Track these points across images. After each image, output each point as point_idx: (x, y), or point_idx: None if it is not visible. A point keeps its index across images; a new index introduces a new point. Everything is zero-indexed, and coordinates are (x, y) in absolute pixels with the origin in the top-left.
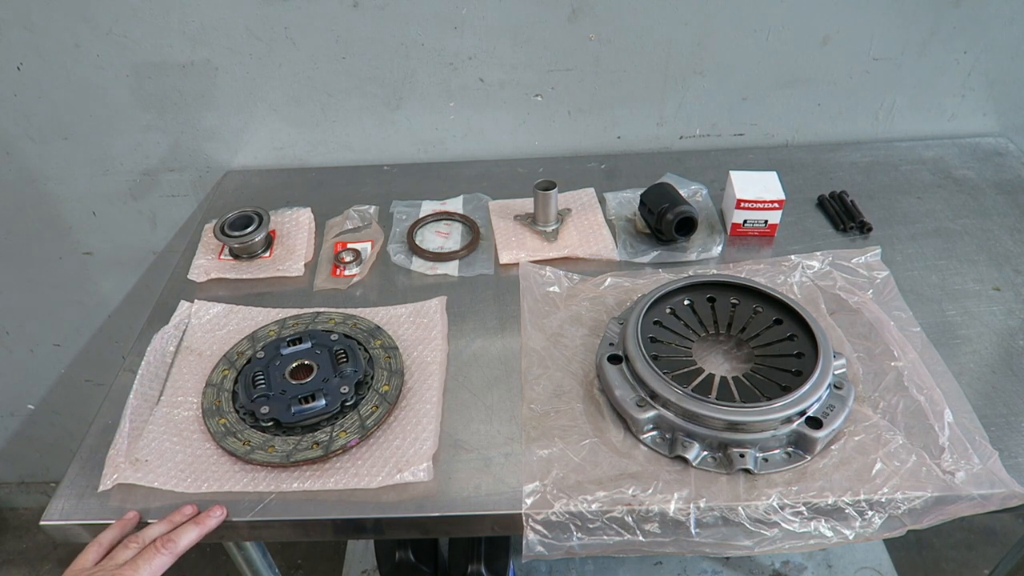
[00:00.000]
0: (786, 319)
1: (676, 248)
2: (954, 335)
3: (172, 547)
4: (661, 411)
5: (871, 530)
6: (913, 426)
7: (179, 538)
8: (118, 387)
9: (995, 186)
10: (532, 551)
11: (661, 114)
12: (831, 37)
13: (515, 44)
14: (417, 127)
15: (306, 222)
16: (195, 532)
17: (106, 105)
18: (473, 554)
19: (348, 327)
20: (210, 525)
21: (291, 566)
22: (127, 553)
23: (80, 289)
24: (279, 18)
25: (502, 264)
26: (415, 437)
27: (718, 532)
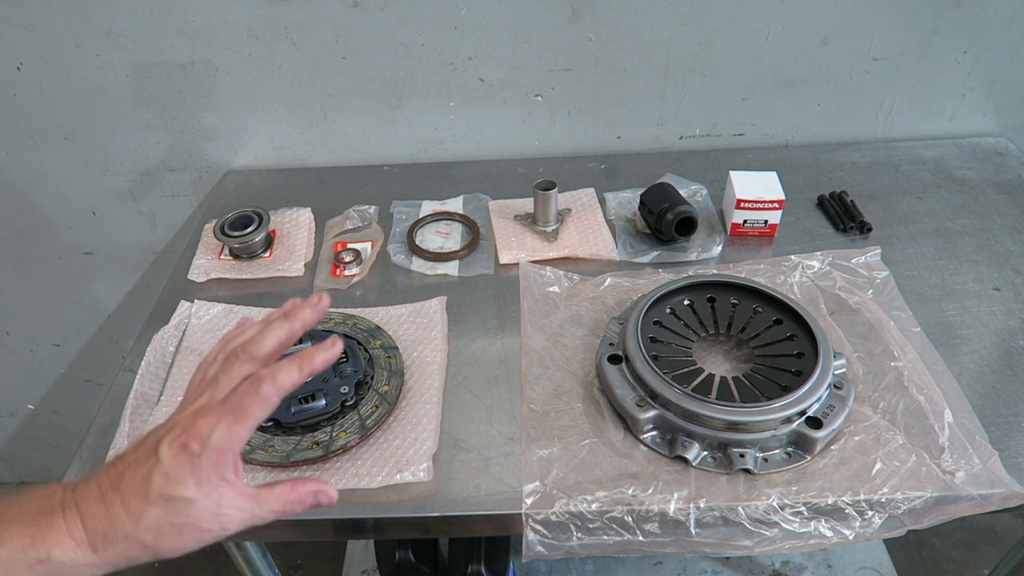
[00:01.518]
0: (786, 319)
1: (676, 248)
2: (954, 335)
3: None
4: (661, 411)
5: (871, 530)
6: (913, 426)
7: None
8: (118, 387)
9: (995, 186)
10: (532, 551)
11: (661, 114)
12: (831, 37)
13: (515, 44)
14: (417, 127)
15: (306, 222)
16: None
17: (106, 105)
18: (473, 554)
19: (348, 327)
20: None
21: (291, 566)
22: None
23: (80, 289)
24: (279, 18)
25: (502, 264)
26: (415, 437)
27: (718, 532)
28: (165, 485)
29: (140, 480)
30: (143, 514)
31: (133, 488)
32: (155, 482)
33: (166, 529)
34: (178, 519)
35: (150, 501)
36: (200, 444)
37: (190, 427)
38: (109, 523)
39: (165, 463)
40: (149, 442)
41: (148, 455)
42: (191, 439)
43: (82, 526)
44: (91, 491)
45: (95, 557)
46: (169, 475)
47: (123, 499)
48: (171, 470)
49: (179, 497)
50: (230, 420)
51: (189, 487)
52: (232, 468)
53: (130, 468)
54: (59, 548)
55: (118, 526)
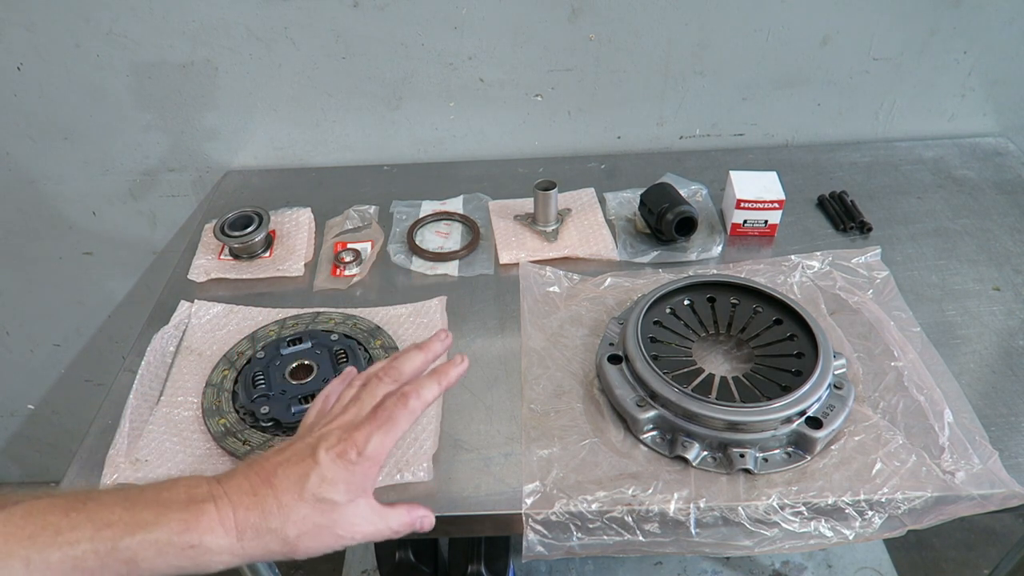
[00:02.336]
0: (786, 319)
1: (676, 248)
2: (954, 335)
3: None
4: (661, 411)
5: (871, 530)
6: (913, 426)
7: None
8: (118, 387)
9: (995, 186)
10: (532, 551)
11: (661, 114)
12: (831, 37)
13: (515, 44)
14: (417, 127)
15: (306, 222)
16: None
17: (106, 105)
18: (473, 554)
19: (348, 327)
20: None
21: (291, 566)
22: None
23: (80, 289)
24: (279, 18)
25: (502, 264)
26: (415, 437)
27: (718, 532)
28: (320, 486)
29: (295, 478)
30: (294, 510)
31: (287, 484)
32: (311, 481)
33: (310, 528)
34: (323, 520)
35: (303, 499)
36: (357, 453)
37: (347, 437)
38: (261, 515)
39: (323, 466)
40: (299, 447)
41: (304, 457)
42: (349, 447)
43: (233, 515)
44: (241, 484)
45: (239, 546)
46: (325, 477)
47: (276, 494)
48: (328, 473)
49: (330, 499)
50: (383, 432)
51: (340, 491)
52: (373, 481)
53: (283, 466)
54: (210, 534)
55: (269, 518)
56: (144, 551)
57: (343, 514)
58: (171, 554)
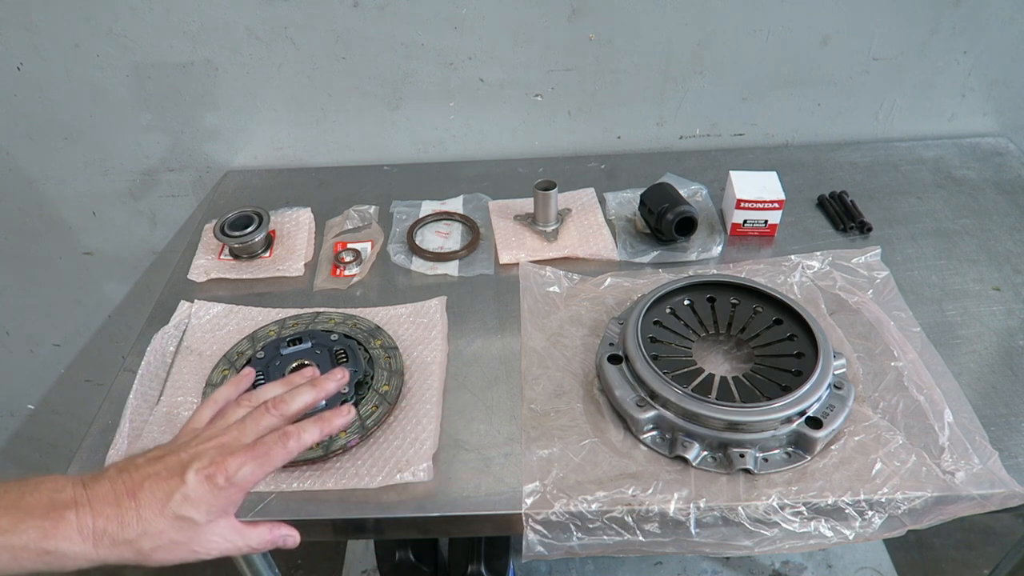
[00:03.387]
0: (786, 319)
1: (676, 248)
2: (954, 335)
3: (284, 408)
4: (661, 411)
5: (871, 530)
6: (913, 426)
7: (292, 400)
8: (118, 387)
9: (995, 186)
10: (532, 551)
11: (661, 114)
12: (831, 37)
13: (515, 44)
14: (417, 127)
15: (306, 222)
16: (310, 395)
17: (106, 105)
18: (473, 554)
19: (348, 327)
20: (328, 389)
21: (291, 566)
22: (238, 412)
23: (80, 289)
24: (279, 18)
25: (502, 264)
26: (415, 437)
27: (718, 532)
28: (182, 505)
29: (161, 495)
30: (152, 524)
31: (151, 500)
32: (175, 500)
33: (166, 542)
34: (180, 537)
35: (163, 515)
36: (226, 479)
37: (219, 461)
38: (119, 526)
39: (189, 486)
40: (171, 461)
41: (172, 474)
42: (218, 472)
43: (92, 524)
44: (106, 493)
45: (94, 552)
46: (189, 497)
47: (138, 507)
48: (192, 494)
49: (189, 518)
50: (256, 464)
51: (201, 512)
52: (236, 505)
53: (150, 480)
54: (67, 542)
55: (127, 530)
56: (20, 552)
57: (201, 532)
58: (25, 558)
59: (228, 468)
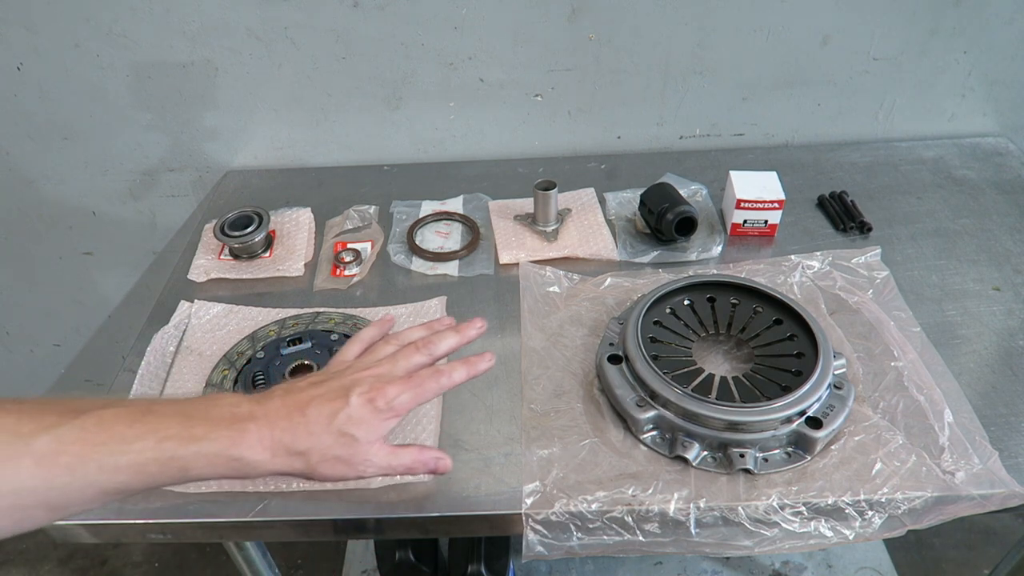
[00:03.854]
0: (786, 319)
1: (676, 248)
2: (954, 335)
3: (432, 348)
4: (661, 411)
5: (871, 530)
6: (913, 426)
7: (440, 341)
8: (118, 387)
9: (995, 186)
10: (532, 551)
11: (661, 114)
12: (831, 37)
13: (515, 44)
14: (417, 127)
15: (306, 222)
16: (455, 340)
17: (106, 105)
18: (473, 554)
19: (348, 327)
20: (470, 336)
21: (291, 566)
22: (388, 349)
23: (80, 289)
24: (279, 18)
25: (502, 264)
26: (415, 437)
27: (718, 532)
28: (346, 424)
29: (327, 413)
30: (320, 438)
31: (318, 416)
32: (339, 418)
33: (330, 457)
34: (342, 452)
35: (330, 431)
36: (385, 403)
37: (379, 387)
38: (292, 438)
39: (352, 407)
40: (334, 385)
41: (337, 396)
42: (379, 396)
43: (270, 435)
44: (278, 408)
45: (271, 462)
46: (351, 417)
47: (307, 422)
48: (355, 414)
49: (351, 435)
50: (412, 393)
51: (362, 431)
52: (391, 430)
53: (317, 400)
54: (249, 450)
55: (298, 442)
56: (196, 461)
57: (360, 450)
58: (218, 464)
59: (387, 394)
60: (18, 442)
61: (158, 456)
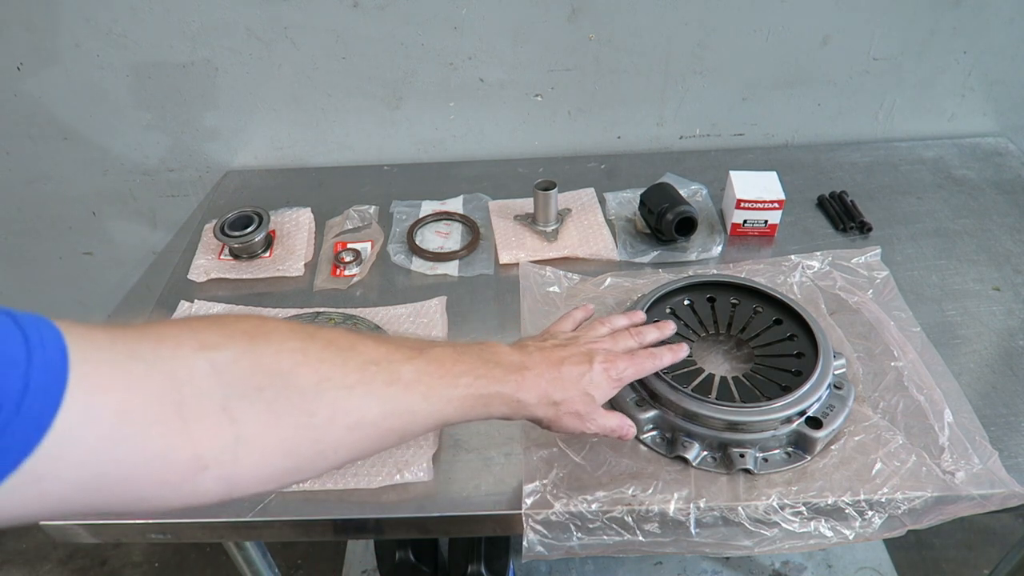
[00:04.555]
0: (786, 319)
1: (676, 248)
2: (954, 335)
3: (641, 337)
4: (661, 411)
5: (871, 530)
6: (913, 426)
7: (647, 332)
8: None
9: (995, 186)
10: (532, 551)
11: (661, 114)
12: (831, 37)
13: (515, 44)
14: (417, 127)
15: (306, 222)
16: (657, 333)
17: (106, 105)
18: (473, 554)
19: (348, 327)
20: (667, 332)
21: (291, 566)
22: (603, 329)
23: (80, 289)
24: (279, 18)
25: (502, 264)
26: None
27: (718, 532)
28: (589, 384)
29: (576, 373)
30: (570, 393)
31: (571, 375)
32: (585, 379)
33: (572, 410)
34: (581, 408)
35: (578, 388)
36: (617, 373)
37: (612, 359)
38: (553, 389)
39: (595, 372)
40: (578, 351)
41: (583, 360)
42: (612, 367)
43: (538, 384)
44: (540, 363)
45: (537, 407)
46: (593, 380)
47: (562, 378)
48: (596, 379)
49: (591, 395)
50: (635, 368)
51: (599, 392)
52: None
53: (568, 361)
54: (527, 394)
55: (555, 394)
56: (495, 400)
57: (594, 408)
58: (508, 403)
59: (618, 366)
60: (394, 369)
61: (474, 392)
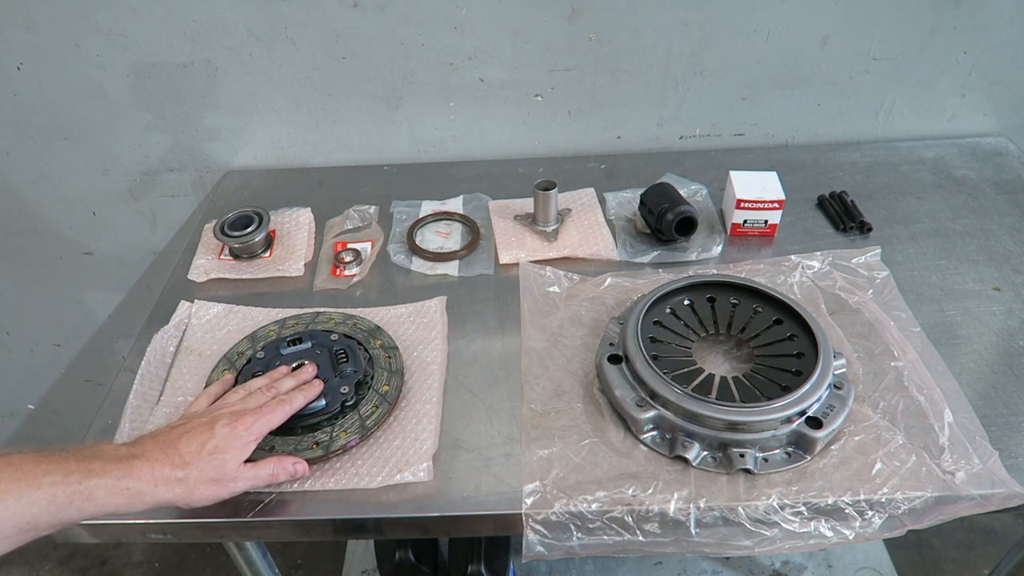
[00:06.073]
0: (786, 319)
1: (676, 248)
2: (954, 335)
3: (276, 388)
4: (661, 411)
5: (871, 530)
6: (913, 426)
7: (282, 383)
8: (118, 387)
9: (995, 186)
10: (532, 551)
11: (661, 114)
12: (831, 37)
13: (515, 44)
14: (417, 127)
15: (306, 222)
16: (293, 381)
17: (106, 105)
18: (473, 554)
19: (348, 327)
20: (303, 379)
21: (291, 566)
22: (235, 396)
23: (80, 289)
24: (279, 18)
25: (502, 264)
26: (415, 437)
27: (718, 532)
28: (215, 449)
29: (197, 443)
30: (194, 465)
31: (189, 447)
32: (208, 446)
33: (206, 480)
34: (214, 474)
35: (201, 457)
36: (245, 429)
37: (237, 417)
38: (170, 467)
39: (218, 435)
40: (197, 422)
41: (203, 429)
42: (239, 424)
43: (151, 469)
44: (153, 447)
45: (155, 491)
46: (218, 445)
47: (181, 454)
48: (221, 442)
49: (220, 456)
50: (264, 421)
51: (228, 452)
52: (249, 452)
53: (185, 435)
54: (138, 481)
55: (176, 470)
56: (98, 491)
57: (228, 470)
58: (115, 493)
59: (245, 422)
60: None
61: (66, 489)
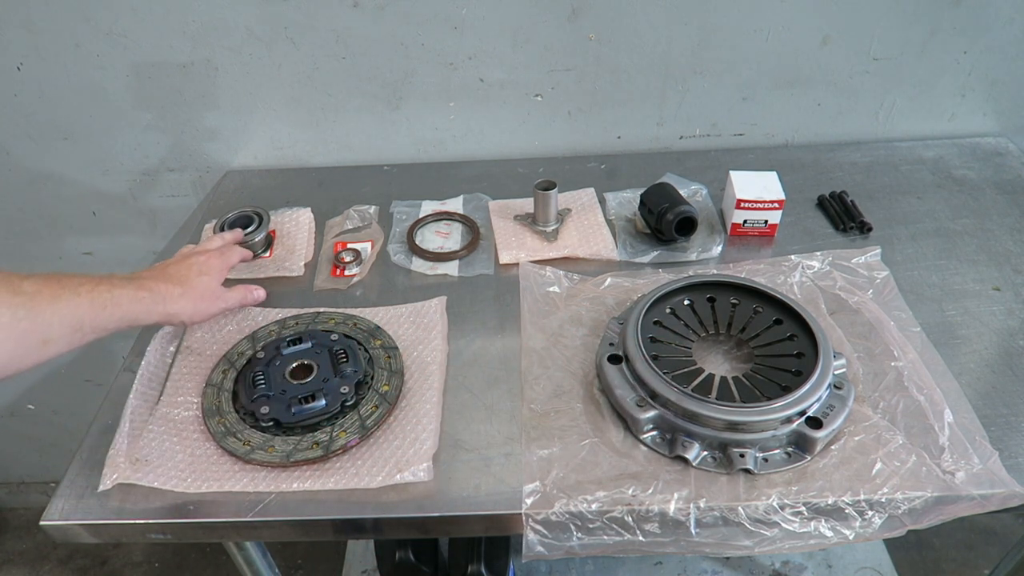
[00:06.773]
0: (786, 319)
1: (676, 248)
2: (954, 335)
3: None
4: (661, 411)
5: (871, 530)
6: (913, 426)
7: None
8: (118, 387)
9: (995, 186)
10: (532, 551)
11: (661, 114)
12: (831, 37)
13: (515, 44)
14: (417, 127)
15: (306, 222)
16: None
17: (106, 105)
18: (473, 554)
19: (348, 327)
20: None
21: (291, 566)
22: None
23: None
24: (279, 18)
25: (502, 264)
26: (415, 437)
27: (718, 532)
28: (200, 272)
29: (183, 271)
30: (189, 283)
31: (179, 275)
32: (193, 270)
33: (199, 295)
34: (205, 291)
35: (191, 277)
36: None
37: (207, 253)
38: (172, 285)
39: (200, 263)
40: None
41: (186, 260)
42: (211, 256)
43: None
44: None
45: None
46: (202, 269)
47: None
48: (203, 267)
49: (207, 277)
50: (228, 254)
51: (211, 275)
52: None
53: (173, 265)
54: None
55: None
56: (123, 298)
57: (215, 288)
58: (135, 301)
59: (214, 253)
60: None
61: (99, 296)
